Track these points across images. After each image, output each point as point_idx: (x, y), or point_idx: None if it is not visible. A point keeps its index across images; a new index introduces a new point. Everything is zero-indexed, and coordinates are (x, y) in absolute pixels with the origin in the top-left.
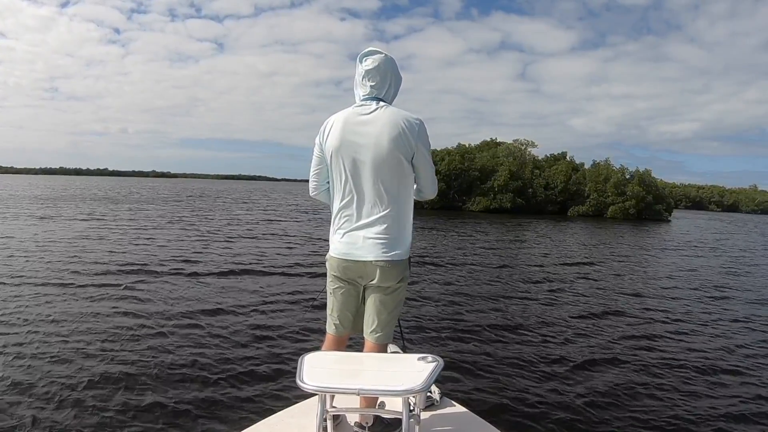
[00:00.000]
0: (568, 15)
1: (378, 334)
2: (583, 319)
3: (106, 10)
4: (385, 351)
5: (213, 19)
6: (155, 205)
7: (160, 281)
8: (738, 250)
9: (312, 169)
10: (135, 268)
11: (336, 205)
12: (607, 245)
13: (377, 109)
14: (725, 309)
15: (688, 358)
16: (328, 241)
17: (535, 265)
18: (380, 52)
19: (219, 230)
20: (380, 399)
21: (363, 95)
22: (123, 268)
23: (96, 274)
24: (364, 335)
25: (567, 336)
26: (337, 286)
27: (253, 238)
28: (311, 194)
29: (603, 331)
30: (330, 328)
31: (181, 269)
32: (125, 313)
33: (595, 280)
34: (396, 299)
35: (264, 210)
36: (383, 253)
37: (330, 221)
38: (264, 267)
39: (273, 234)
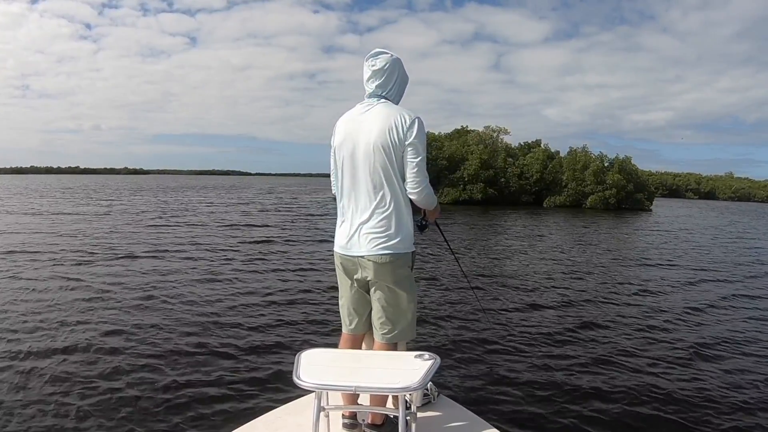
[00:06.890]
0: (542, 5)
1: (383, 332)
2: (578, 315)
3: (76, 6)
4: (395, 350)
5: (185, 13)
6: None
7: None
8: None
9: (331, 169)
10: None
11: (338, 201)
12: (596, 239)
13: (376, 105)
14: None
15: (685, 357)
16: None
17: (523, 260)
18: (386, 53)
19: (218, 221)
20: None
21: (367, 94)
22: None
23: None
24: (374, 335)
25: (566, 332)
26: (342, 281)
27: (246, 228)
28: (333, 192)
29: (602, 327)
30: (343, 326)
31: (176, 259)
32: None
33: (590, 275)
34: (400, 295)
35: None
36: (376, 248)
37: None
38: (262, 261)
39: (265, 227)
